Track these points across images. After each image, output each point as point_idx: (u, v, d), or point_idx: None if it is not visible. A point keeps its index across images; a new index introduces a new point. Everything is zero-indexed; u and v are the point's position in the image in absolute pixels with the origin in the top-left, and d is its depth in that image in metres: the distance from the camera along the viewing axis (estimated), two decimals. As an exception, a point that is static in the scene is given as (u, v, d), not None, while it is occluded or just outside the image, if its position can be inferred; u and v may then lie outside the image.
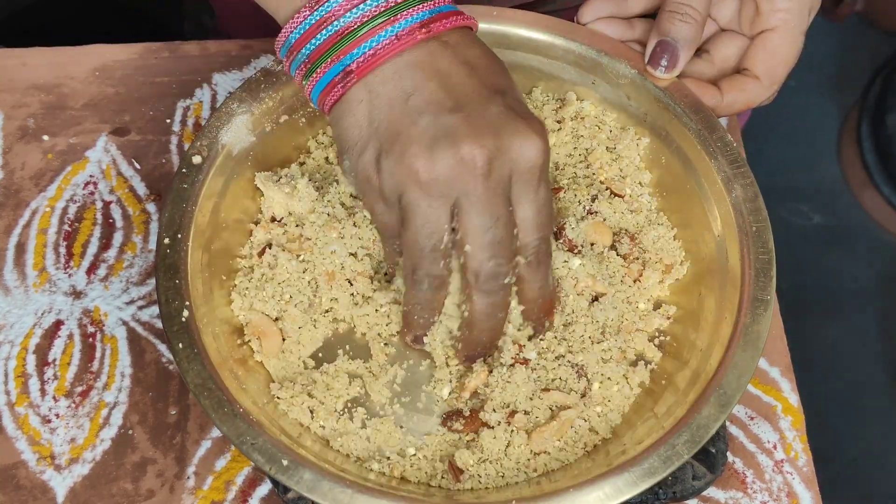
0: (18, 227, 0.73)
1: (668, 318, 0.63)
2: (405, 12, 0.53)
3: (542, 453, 0.58)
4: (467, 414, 0.59)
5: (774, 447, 0.65)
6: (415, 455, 0.58)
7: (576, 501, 0.52)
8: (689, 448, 0.53)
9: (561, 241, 0.62)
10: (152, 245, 0.72)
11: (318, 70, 0.54)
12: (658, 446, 0.53)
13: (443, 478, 0.57)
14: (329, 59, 0.54)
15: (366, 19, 0.53)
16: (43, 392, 0.67)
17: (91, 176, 0.75)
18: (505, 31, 0.67)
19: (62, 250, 0.72)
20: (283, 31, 0.55)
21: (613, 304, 0.62)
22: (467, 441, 0.59)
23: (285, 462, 0.53)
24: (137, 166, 0.75)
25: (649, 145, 0.67)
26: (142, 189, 0.74)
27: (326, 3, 0.53)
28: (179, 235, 0.60)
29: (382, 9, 0.53)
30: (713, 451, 0.61)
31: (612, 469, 0.53)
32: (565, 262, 0.62)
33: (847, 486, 1.45)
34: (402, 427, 0.60)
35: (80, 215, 0.73)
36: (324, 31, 0.53)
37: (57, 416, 0.66)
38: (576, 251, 0.62)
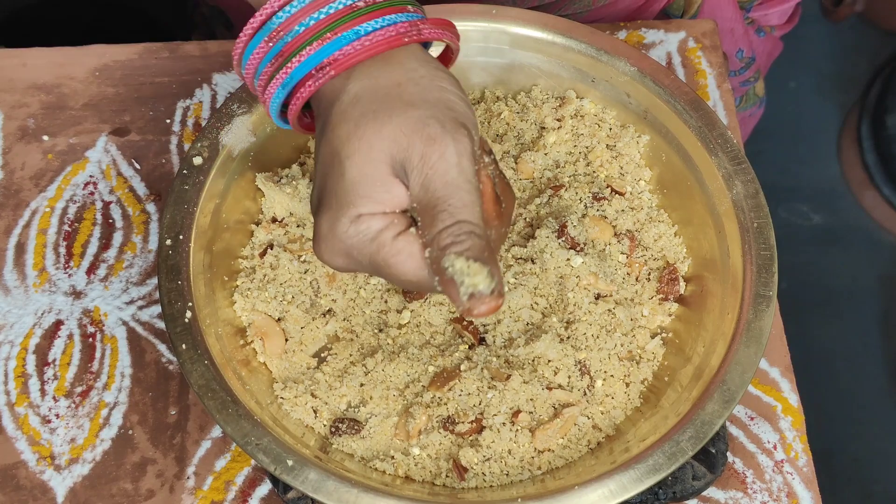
0: (18, 227, 0.72)
1: (671, 315, 0.63)
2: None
3: (546, 451, 0.58)
4: (471, 420, 0.59)
5: (774, 447, 0.65)
6: (419, 454, 0.58)
7: (581, 499, 0.52)
8: (694, 444, 0.53)
9: (563, 239, 0.62)
10: (152, 245, 0.72)
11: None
12: (662, 443, 0.53)
13: (447, 477, 0.57)
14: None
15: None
16: (43, 392, 0.66)
17: (91, 176, 0.74)
18: (504, 29, 0.67)
19: (62, 250, 0.71)
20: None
21: (616, 301, 0.62)
22: (471, 440, 0.58)
23: (290, 462, 0.53)
24: (137, 166, 0.75)
25: (649, 142, 0.67)
26: (142, 189, 0.74)
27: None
28: (181, 237, 0.59)
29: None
30: (713, 451, 0.61)
31: (617, 466, 0.53)
32: (567, 259, 0.61)
33: (847, 486, 1.45)
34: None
35: (80, 215, 0.73)
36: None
37: (57, 416, 0.66)
38: (578, 249, 0.62)
